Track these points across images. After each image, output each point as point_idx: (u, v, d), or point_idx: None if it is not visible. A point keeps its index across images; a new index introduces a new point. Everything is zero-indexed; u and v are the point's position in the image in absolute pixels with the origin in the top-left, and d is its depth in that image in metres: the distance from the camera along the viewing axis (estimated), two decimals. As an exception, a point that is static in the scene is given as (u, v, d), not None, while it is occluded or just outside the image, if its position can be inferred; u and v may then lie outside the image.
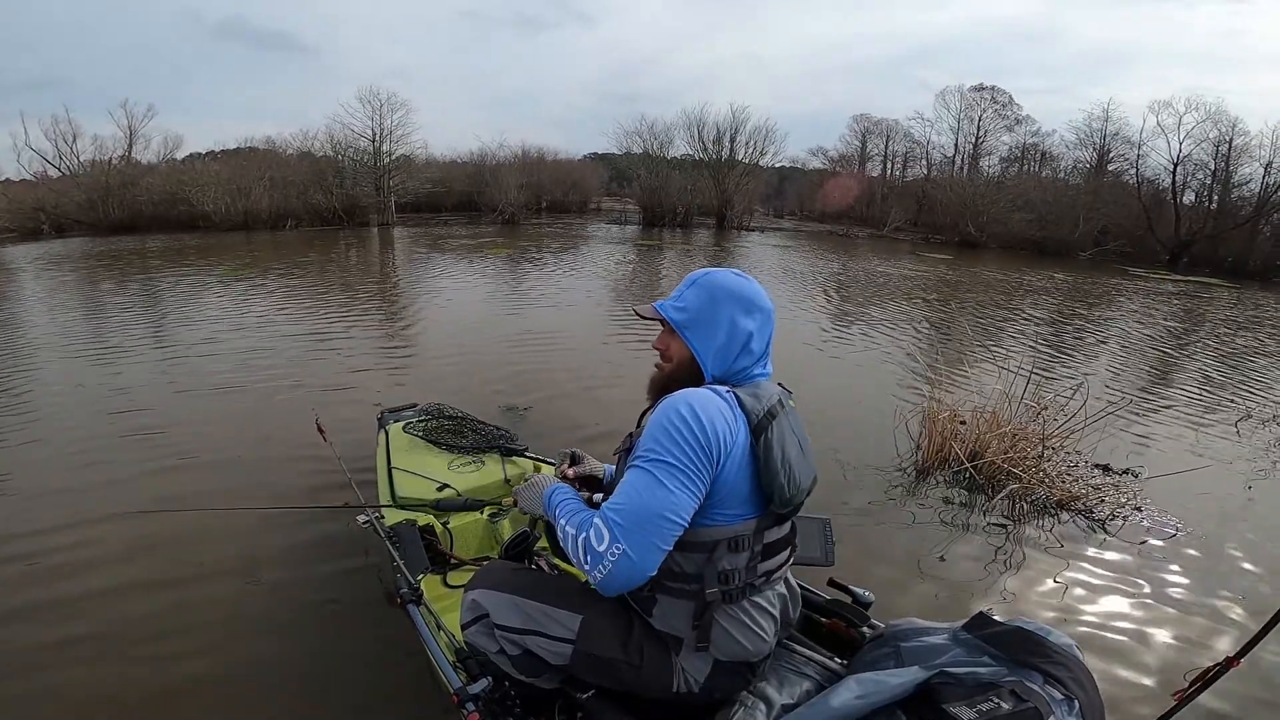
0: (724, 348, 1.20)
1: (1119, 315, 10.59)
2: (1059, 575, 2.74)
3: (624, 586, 1.08)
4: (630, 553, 1.04)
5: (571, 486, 1.35)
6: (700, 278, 1.25)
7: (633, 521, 1.05)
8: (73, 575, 2.46)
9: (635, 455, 1.12)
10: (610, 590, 1.09)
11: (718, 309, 1.20)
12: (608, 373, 5.39)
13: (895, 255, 18.80)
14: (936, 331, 8.03)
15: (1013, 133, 32.14)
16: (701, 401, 1.10)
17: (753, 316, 1.21)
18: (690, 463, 1.06)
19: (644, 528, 1.05)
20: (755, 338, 1.21)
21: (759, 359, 1.23)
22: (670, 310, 1.24)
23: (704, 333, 1.21)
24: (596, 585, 1.09)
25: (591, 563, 1.07)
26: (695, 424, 1.07)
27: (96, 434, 3.79)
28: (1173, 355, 7.78)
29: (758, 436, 1.11)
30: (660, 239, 20.08)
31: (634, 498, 1.07)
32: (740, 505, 1.12)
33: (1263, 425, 4.96)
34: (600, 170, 35.99)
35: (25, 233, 16.89)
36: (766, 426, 1.11)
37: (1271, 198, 22.41)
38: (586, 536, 1.09)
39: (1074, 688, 0.99)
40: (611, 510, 1.08)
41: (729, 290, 1.21)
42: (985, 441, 3.54)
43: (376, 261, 13.19)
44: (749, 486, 1.12)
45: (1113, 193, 25.42)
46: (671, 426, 1.08)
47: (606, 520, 1.07)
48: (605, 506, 1.10)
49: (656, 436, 1.09)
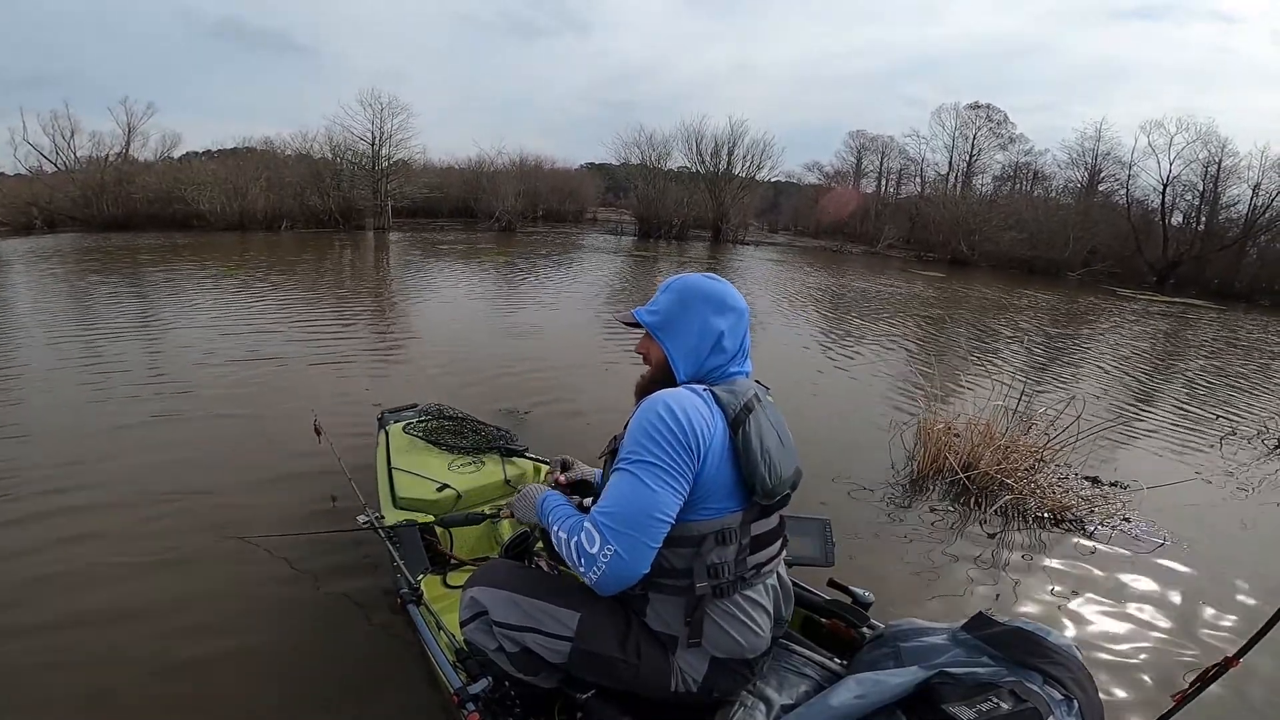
0: (695, 348, 1.24)
1: (1107, 334, 10.73)
2: (1052, 582, 2.78)
3: (619, 585, 1.12)
4: (621, 553, 1.08)
5: (563, 493, 1.38)
6: (673, 282, 1.31)
7: (621, 523, 1.09)
8: (64, 573, 2.42)
9: (619, 458, 1.16)
10: (607, 590, 1.12)
11: (688, 310, 1.25)
12: (602, 376, 5.41)
13: (887, 272, 18.95)
14: (929, 347, 8.09)
15: (1006, 151, 32.70)
16: (677, 400, 1.14)
17: (724, 316, 1.25)
18: (671, 460, 1.10)
19: (632, 528, 1.09)
20: (727, 336, 1.25)
21: (733, 357, 1.26)
22: (644, 315, 1.31)
23: (676, 334, 1.26)
24: (593, 586, 1.12)
25: (585, 565, 1.11)
26: (673, 421, 1.11)
27: (86, 430, 3.76)
28: (1159, 374, 7.89)
29: (735, 430, 1.14)
30: (655, 250, 20.15)
31: (620, 500, 1.11)
32: (724, 499, 1.16)
33: (1247, 442, 5.05)
34: (597, 180, 36.13)
35: (17, 227, 16.73)
36: (744, 420, 1.15)
37: (1259, 220, 22.77)
38: (578, 540, 1.13)
39: (1073, 688, 1.00)
40: (600, 513, 1.12)
41: (699, 292, 1.27)
42: (978, 453, 3.59)
43: (373, 265, 13.15)
44: (731, 480, 1.15)
45: (1103, 213, 25.77)
46: (650, 427, 1.12)
47: (596, 523, 1.12)
48: (594, 510, 1.14)
49: (637, 438, 1.13)
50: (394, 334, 6.87)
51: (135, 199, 18.18)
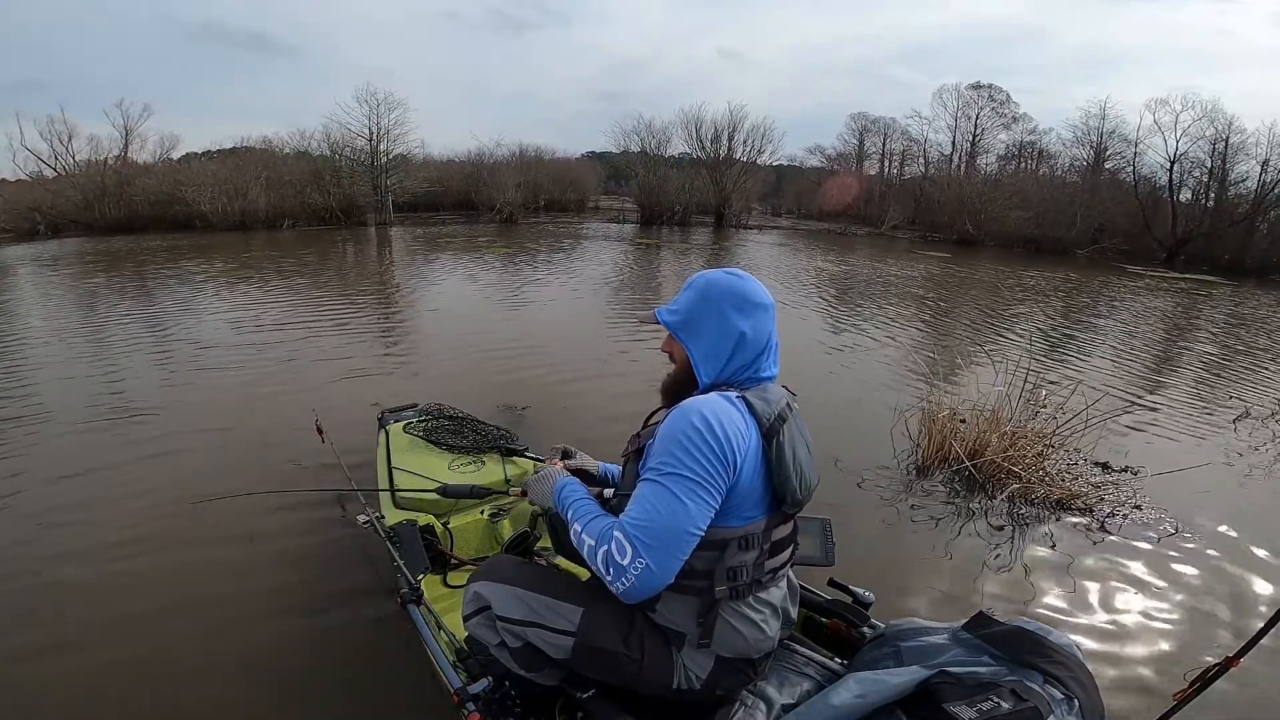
0: (716, 346, 1.20)
1: (1116, 313, 10.61)
2: (1059, 574, 2.74)
3: (645, 596, 1.09)
4: (653, 566, 1.06)
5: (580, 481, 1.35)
6: (695, 280, 1.26)
7: (654, 538, 1.06)
8: (65, 572, 2.45)
9: (650, 465, 1.12)
10: (632, 599, 1.10)
11: (709, 308, 1.21)
12: (604, 371, 5.38)
13: (893, 253, 18.81)
14: (935, 330, 8.04)
15: (1010, 131, 32.25)
16: (713, 410, 1.10)
17: (746, 313, 1.20)
18: (707, 475, 1.07)
19: (665, 543, 1.06)
20: (751, 335, 1.20)
21: (760, 356, 1.22)
22: (665, 314, 1.27)
23: (696, 333, 1.22)
24: (619, 595, 1.09)
25: (615, 574, 1.08)
26: (710, 434, 1.07)
27: (92, 434, 3.78)
28: (1170, 353, 7.80)
29: (769, 440, 1.12)
30: (658, 238, 20.05)
31: (653, 513, 1.07)
32: (753, 507, 1.14)
33: (1261, 423, 4.98)
34: (598, 169, 35.94)
35: (21, 233, 16.81)
36: (778, 430, 1.12)
37: (1268, 195, 22.42)
38: (608, 550, 1.09)
39: (1074, 687, 0.99)
40: (632, 525, 1.08)
41: (720, 289, 1.22)
42: (985, 440, 3.54)
43: (374, 261, 13.15)
44: (761, 489, 1.13)
45: (1110, 191, 25.41)
46: (686, 439, 1.08)
47: (628, 534, 1.07)
48: (625, 520, 1.09)
49: (671, 449, 1.09)
50: (395, 331, 6.88)
51: (136, 201, 18.20)
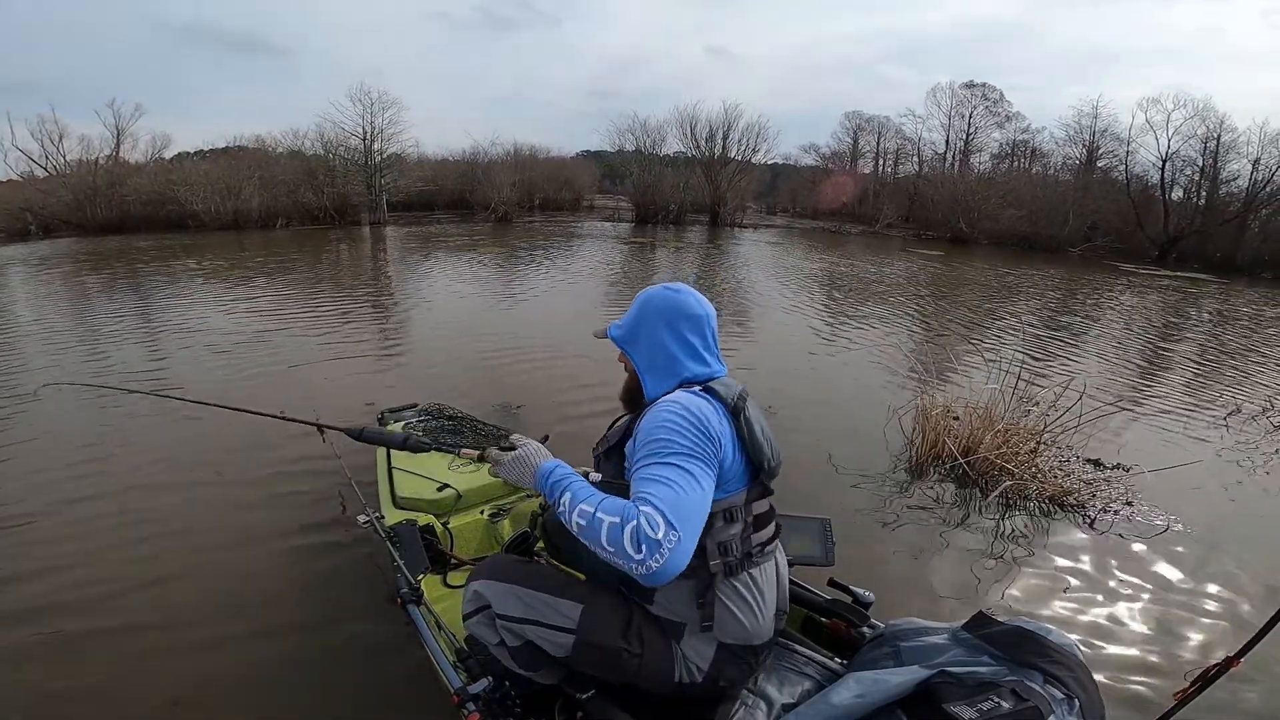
0: (654, 357, 1.30)
1: (1109, 311, 10.67)
2: (1053, 574, 2.75)
3: (671, 576, 1.03)
4: (684, 540, 1.03)
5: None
6: (639, 295, 1.37)
7: (681, 509, 1.04)
8: (63, 577, 2.44)
9: (646, 453, 1.11)
10: (661, 579, 1.03)
11: (644, 323, 1.32)
12: (597, 370, 5.36)
13: (887, 252, 18.86)
14: (928, 328, 8.06)
15: (1003, 129, 32.38)
16: (685, 402, 1.17)
17: (678, 325, 1.29)
18: (704, 453, 1.13)
19: (689, 517, 1.06)
20: (684, 343, 1.29)
21: (702, 358, 1.30)
22: (613, 330, 1.38)
23: (638, 346, 1.33)
24: (647, 575, 1.02)
25: (648, 551, 1.00)
26: (691, 419, 1.14)
27: (89, 431, 3.76)
28: (1162, 350, 7.85)
29: (736, 416, 1.21)
30: (653, 236, 20.04)
31: (677, 488, 1.06)
32: (734, 480, 1.21)
33: (1252, 420, 5.02)
34: (593, 168, 35.91)
35: (13, 234, 16.67)
36: (742, 407, 1.22)
37: (1259, 194, 22.58)
38: (638, 525, 1.02)
39: (1074, 687, 1.00)
40: (658, 500, 1.04)
41: (655, 304, 1.32)
42: (978, 437, 3.57)
43: (369, 260, 13.10)
44: (740, 463, 1.22)
45: (1102, 189, 25.56)
46: (674, 426, 1.13)
47: (657, 507, 1.03)
48: (648, 495, 1.05)
49: (661, 436, 1.12)
50: (392, 331, 6.85)
51: (128, 201, 18.06)
